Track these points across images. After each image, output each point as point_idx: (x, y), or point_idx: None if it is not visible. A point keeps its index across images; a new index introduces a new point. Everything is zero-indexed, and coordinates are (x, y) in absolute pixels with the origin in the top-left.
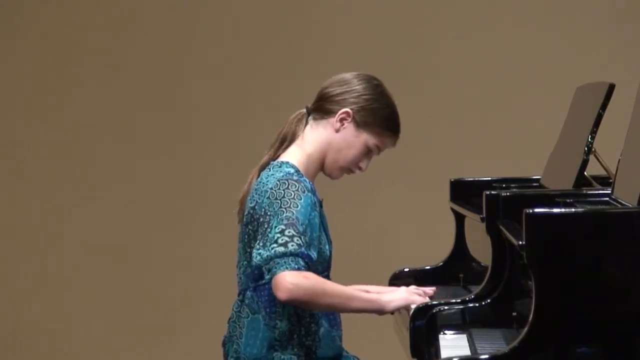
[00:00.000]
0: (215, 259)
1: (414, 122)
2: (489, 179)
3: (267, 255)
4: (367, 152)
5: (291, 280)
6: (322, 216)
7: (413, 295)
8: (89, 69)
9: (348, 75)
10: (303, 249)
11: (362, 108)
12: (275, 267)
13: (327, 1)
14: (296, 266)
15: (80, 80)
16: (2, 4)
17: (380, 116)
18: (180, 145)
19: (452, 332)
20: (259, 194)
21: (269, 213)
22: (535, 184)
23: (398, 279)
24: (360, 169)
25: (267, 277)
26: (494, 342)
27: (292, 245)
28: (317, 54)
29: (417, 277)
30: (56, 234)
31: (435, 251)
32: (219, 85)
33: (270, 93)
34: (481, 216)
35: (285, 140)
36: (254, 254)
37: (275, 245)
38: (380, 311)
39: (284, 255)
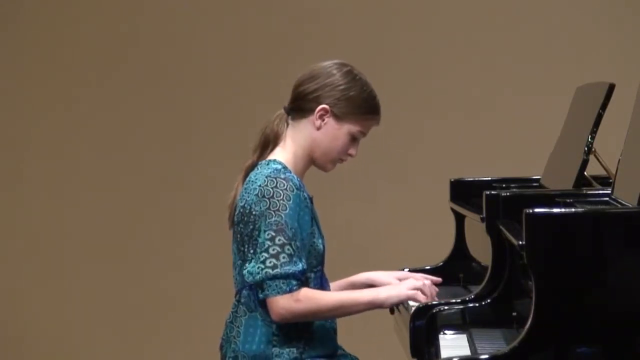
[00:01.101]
0: (215, 259)
1: (414, 122)
2: (489, 179)
3: (259, 277)
4: (353, 140)
5: (283, 306)
6: (312, 212)
7: (412, 291)
8: (89, 69)
9: (318, 69)
10: (295, 259)
11: (338, 100)
12: (268, 290)
13: (328, 1)
14: (287, 288)
15: (80, 80)
16: (2, 4)
17: (358, 103)
18: (180, 145)
19: (452, 332)
20: (247, 192)
21: (255, 212)
22: (535, 184)
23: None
24: (350, 155)
25: (260, 296)
26: (494, 342)
27: (284, 258)
28: (318, 54)
29: None
30: (56, 234)
31: (435, 251)
32: (219, 85)
33: (271, 93)
34: (481, 216)
35: (269, 143)
36: (245, 273)
37: (266, 254)
38: (379, 307)
39: (274, 277)
